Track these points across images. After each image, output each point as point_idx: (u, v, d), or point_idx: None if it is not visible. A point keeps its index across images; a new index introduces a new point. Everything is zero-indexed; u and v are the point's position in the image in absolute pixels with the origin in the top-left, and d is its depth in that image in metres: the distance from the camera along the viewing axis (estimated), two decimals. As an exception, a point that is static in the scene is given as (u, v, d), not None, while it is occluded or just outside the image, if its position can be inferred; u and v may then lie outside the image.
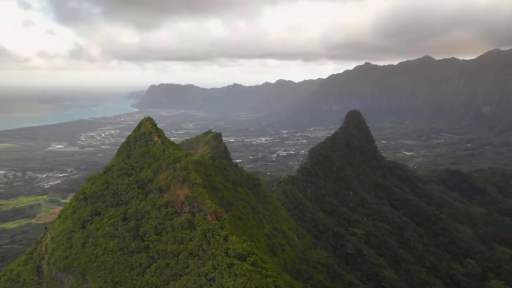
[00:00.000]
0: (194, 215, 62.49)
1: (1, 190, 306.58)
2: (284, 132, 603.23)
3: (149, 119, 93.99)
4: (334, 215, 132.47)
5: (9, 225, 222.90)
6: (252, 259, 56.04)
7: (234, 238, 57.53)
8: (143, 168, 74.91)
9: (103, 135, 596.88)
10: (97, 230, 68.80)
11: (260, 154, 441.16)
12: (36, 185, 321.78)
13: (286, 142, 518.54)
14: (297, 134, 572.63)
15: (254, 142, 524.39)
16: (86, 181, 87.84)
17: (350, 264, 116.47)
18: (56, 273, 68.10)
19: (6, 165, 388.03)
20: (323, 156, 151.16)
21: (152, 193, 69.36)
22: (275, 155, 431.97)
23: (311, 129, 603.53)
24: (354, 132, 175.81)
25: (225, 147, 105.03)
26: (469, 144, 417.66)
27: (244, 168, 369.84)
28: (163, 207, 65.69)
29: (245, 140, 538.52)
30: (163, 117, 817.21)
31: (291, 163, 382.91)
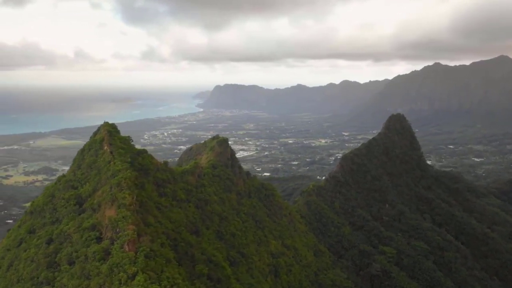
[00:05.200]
0: (113, 242, 51.78)
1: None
2: (345, 134, 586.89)
3: (107, 125, 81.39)
4: (363, 230, 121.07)
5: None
6: None
7: (141, 277, 45.50)
8: (88, 181, 65.99)
9: (165, 134, 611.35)
10: (25, 251, 60.23)
11: (318, 157, 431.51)
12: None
13: (346, 144, 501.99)
14: (359, 137, 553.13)
15: (313, 144, 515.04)
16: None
17: (375, 287, 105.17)
18: (-16, 297, 61.58)
19: (71, 161, 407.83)
20: (357, 164, 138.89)
21: (86, 212, 59.61)
22: (333, 158, 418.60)
23: (373, 132, 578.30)
24: (396, 138, 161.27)
25: (231, 153, 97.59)
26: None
27: (299, 170, 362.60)
28: (88, 230, 55.24)
29: (304, 142, 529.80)
30: (226, 117, 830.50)
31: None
